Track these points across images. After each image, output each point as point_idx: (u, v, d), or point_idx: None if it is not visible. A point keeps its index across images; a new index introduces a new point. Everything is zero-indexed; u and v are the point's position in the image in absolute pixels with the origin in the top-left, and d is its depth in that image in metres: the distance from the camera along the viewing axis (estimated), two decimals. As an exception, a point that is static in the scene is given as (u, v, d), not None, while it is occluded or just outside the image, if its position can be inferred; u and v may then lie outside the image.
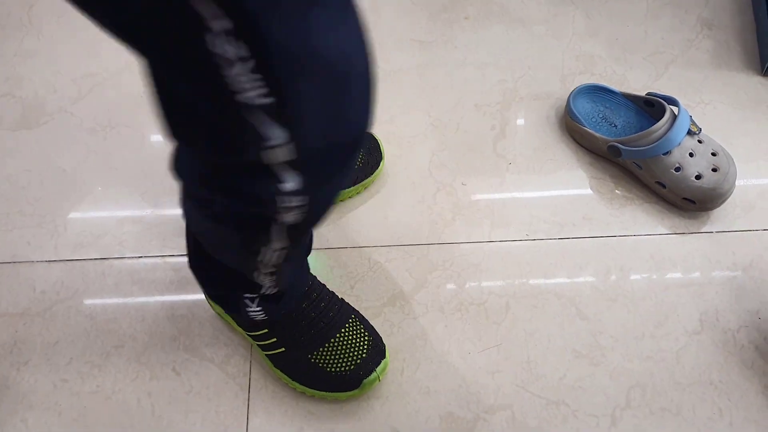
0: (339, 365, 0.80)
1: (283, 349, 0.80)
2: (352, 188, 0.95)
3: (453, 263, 0.92)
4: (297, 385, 0.81)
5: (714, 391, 0.83)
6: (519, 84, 1.08)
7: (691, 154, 0.92)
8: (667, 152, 0.92)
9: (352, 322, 0.82)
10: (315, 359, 0.80)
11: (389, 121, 1.05)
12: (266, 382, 0.84)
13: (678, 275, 0.91)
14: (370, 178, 0.96)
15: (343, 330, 0.81)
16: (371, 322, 0.87)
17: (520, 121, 1.04)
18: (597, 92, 1.02)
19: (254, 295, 0.74)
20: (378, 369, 0.80)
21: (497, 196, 0.98)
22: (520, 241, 0.94)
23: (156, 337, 0.87)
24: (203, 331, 0.87)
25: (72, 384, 0.84)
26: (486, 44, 1.12)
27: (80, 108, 1.07)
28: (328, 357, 0.80)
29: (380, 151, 0.97)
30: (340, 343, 0.80)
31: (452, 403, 0.82)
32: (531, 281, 0.91)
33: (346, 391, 0.80)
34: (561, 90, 1.07)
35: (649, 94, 0.98)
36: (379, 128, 1.03)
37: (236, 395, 0.83)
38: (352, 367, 0.80)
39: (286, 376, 0.82)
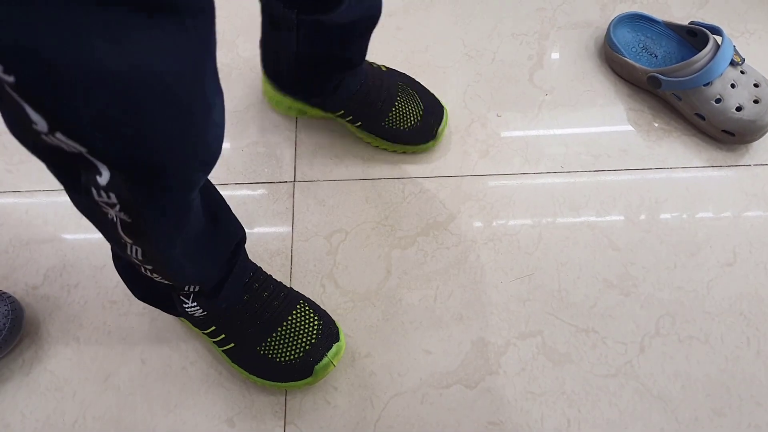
0: (287, 354, 0.77)
1: (233, 344, 0.78)
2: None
3: (486, 194, 0.93)
4: (255, 378, 0.79)
5: (743, 321, 0.84)
6: (558, 12, 1.06)
7: (732, 85, 0.90)
8: (708, 83, 0.90)
9: (300, 309, 0.79)
10: (263, 351, 0.78)
11: (423, 50, 1.04)
12: (304, 307, 0.87)
13: (713, 207, 0.91)
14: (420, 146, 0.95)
15: (289, 318, 0.78)
16: (404, 251, 0.89)
17: (558, 51, 1.03)
18: (638, 21, 1.00)
19: (187, 292, 0.72)
20: (330, 353, 0.78)
21: (533, 127, 0.97)
22: (555, 174, 0.94)
23: (198, 262, 0.90)
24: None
25: (120, 306, 0.88)
26: (524, -29, 1.10)
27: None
28: (275, 347, 0.77)
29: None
30: (287, 332, 0.78)
31: (484, 329, 0.84)
32: (564, 213, 0.92)
33: (299, 380, 0.78)
34: (601, 18, 1.05)
35: (691, 23, 0.95)
36: (413, 57, 1.03)
37: (276, 318, 0.87)
38: (301, 354, 0.77)
39: (243, 371, 0.80)
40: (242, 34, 1.08)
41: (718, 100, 0.90)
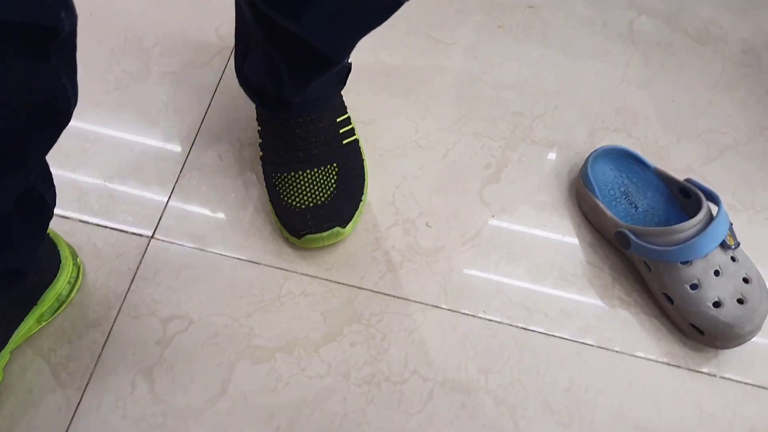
0: (292, 198, 0.74)
1: (263, 153, 0.77)
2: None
3: (381, 320, 0.73)
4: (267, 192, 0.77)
5: None
6: (537, 122, 0.87)
7: (717, 273, 0.71)
8: (688, 262, 0.70)
9: (329, 169, 0.75)
10: (276, 180, 0.75)
11: (367, 122, 0.85)
12: (101, 402, 0.66)
13: (657, 417, 0.70)
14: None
15: (316, 170, 0.75)
16: (254, 367, 0.68)
17: (523, 168, 0.84)
18: (626, 160, 0.81)
19: None
20: (326, 234, 0.72)
21: (464, 252, 0.78)
22: (473, 317, 0.74)
23: None
24: (52, 320, 0.70)
25: None
26: (514, 64, 0.91)
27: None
28: (287, 184, 0.74)
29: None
30: (306, 179, 0.74)
31: (313, 506, 0.63)
32: (469, 372, 0.71)
33: (288, 232, 0.74)
34: (585, 144, 0.86)
35: (687, 180, 0.76)
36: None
37: (59, 410, 0.65)
38: (302, 207, 0.73)
39: (264, 179, 0.77)
40: (159, 43, 0.89)
41: (694, 286, 0.71)
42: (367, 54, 0.90)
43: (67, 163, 0.79)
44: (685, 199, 0.77)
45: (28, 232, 0.56)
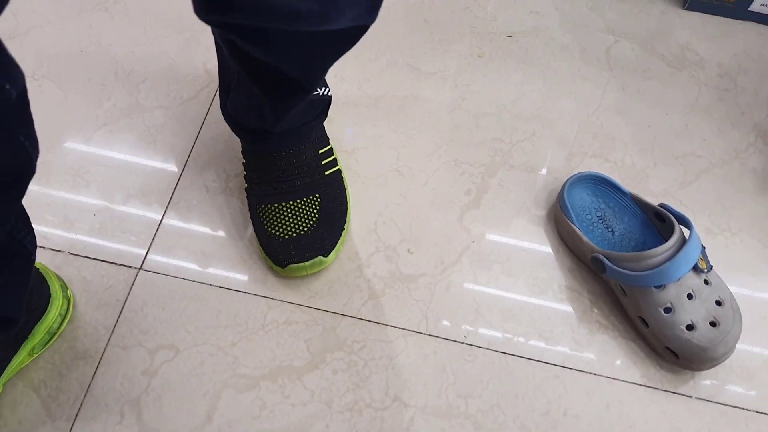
0: (275, 228, 0.76)
1: (247, 185, 0.79)
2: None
3: (364, 347, 0.75)
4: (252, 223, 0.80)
5: None
6: (516, 149, 0.89)
7: (690, 296, 0.72)
8: (661, 286, 0.72)
9: (312, 200, 0.77)
10: (260, 211, 0.77)
11: (349, 151, 0.87)
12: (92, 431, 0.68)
13: (633, 440, 0.72)
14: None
15: (299, 201, 0.77)
16: (239, 395, 0.70)
17: (502, 194, 0.86)
18: (602, 185, 0.83)
19: None
20: (309, 263, 0.74)
21: (444, 277, 0.79)
22: (453, 342, 0.76)
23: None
24: (42, 353, 0.71)
25: None
26: (493, 91, 0.94)
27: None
28: (271, 215, 0.77)
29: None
30: (289, 210, 0.77)
31: None
32: (449, 397, 0.73)
33: (272, 261, 0.76)
34: (563, 169, 0.88)
35: (661, 205, 0.78)
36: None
37: (48, 441, 0.67)
38: (286, 237, 0.75)
39: (249, 209, 0.80)
40: (148, 78, 0.91)
41: (667, 310, 0.72)
42: (350, 84, 0.93)
43: (56, 196, 0.81)
44: (660, 223, 0.79)
45: (12, 281, 0.57)
